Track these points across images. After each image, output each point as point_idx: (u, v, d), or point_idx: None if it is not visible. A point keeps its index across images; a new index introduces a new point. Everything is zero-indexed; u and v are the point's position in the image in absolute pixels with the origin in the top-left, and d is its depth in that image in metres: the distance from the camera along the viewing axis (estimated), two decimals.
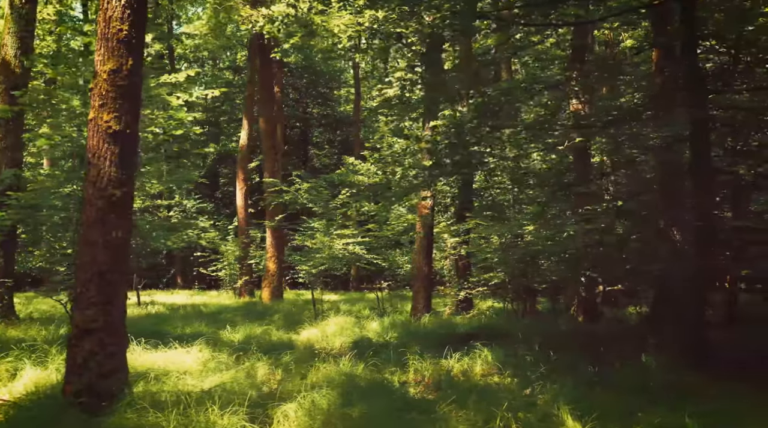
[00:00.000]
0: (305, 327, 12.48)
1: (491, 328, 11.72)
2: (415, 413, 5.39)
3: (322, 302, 19.86)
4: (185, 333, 10.61)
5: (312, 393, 5.67)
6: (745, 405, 5.37)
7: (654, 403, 5.29)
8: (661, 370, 7.08)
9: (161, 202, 19.68)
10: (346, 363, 7.46)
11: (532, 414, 5.17)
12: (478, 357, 8.42)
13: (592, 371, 7.15)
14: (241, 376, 6.59)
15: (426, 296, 12.99)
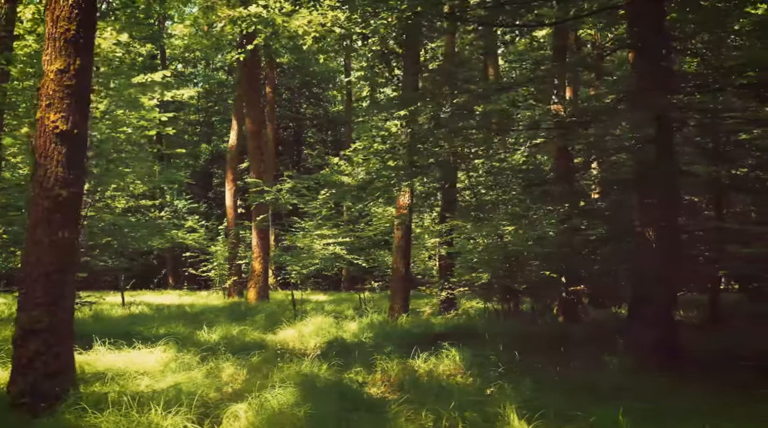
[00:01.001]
0: (283, 328, 12.48)
1: (466, 328, 11.74)
2: (364, 412, 5.39)
3: (306, 303, 19.97)
4: (158, 334, 10.58)
5: (264, 393, 5.67)
6: (691, 404, 5.37)
7: (601, 403, 5.29)
8: (622, 371, 7.09)
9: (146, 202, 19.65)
10: (308, 364, 7.46)
11: (478, 414, 5.18)
12: (445, 357, 8.44)
13: (553, 371, 7.16)
14: (199, 376, 6.59)
15: (403, 297, 12.99)
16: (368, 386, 7.37)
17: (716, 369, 7.39)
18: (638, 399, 5.48)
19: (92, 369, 6.73)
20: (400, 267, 12.97)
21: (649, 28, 8.47)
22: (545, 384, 6.55)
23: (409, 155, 8.78)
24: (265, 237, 19.81)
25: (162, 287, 31.90)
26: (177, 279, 33.49)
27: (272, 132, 35.60)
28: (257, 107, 20.58)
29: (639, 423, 4.74)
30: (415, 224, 16.56)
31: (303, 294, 27.08)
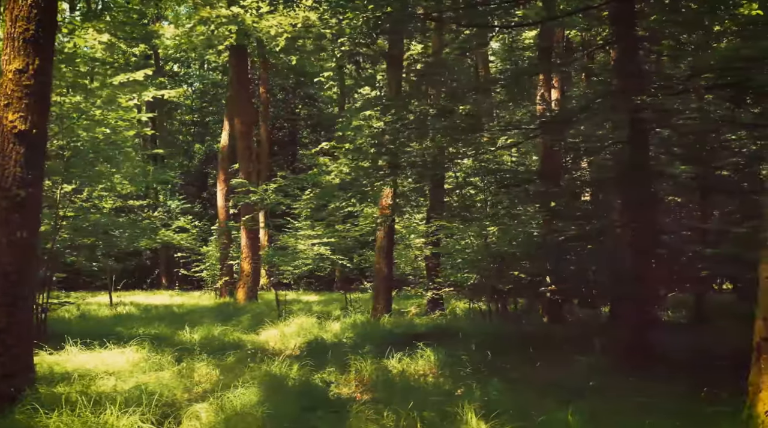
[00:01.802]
0: (266, 328, 12.49)
1: (447, 328, 11.75)
2: (326, 412, 5.39)
3: (296, 303, 19.98)
4: (138, 334, 10.59)
5: (227, 393, 5.67)
6: (650, 404, 5.37)
7: (560, 403, 5.29)
8: (591, 371, 7.10)
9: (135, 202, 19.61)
10: (279, 364, 7.46)
11: (437, 413, 5.18)
12: (420, 357, 8.45)
13: (521, 371, 7.17)
14: (168, 377, 6.58)
15: (386, 297, 13.00)
16: (340, 386, 7.39)
17: (688, 369, 7.40)
18: (599, 399, 5.49)
19: (61, 369, 6.73)
20: (382, 267, 12.97)
21: (623, 29, 8.49)
22: (512, 384, 6.56)
23: (377, 156, 8.77)
24: (255, 237, 19.80)
25: (155, 288, 31.89)
26: (170, 279, 33.49)
27: (266, 132, 35.58)
28: (247, 107, 20.57)
29: (588, 422, 4.74)
30: (401, 225, 16.58)
31: (296, 295, 27.17)
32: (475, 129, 8.40)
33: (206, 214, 34.43)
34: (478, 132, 8.65)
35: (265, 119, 35.80)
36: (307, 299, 22.62)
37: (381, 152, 8.52)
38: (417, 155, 10.78)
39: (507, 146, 10.04)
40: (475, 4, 8.19)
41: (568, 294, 13.09)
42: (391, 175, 9.63)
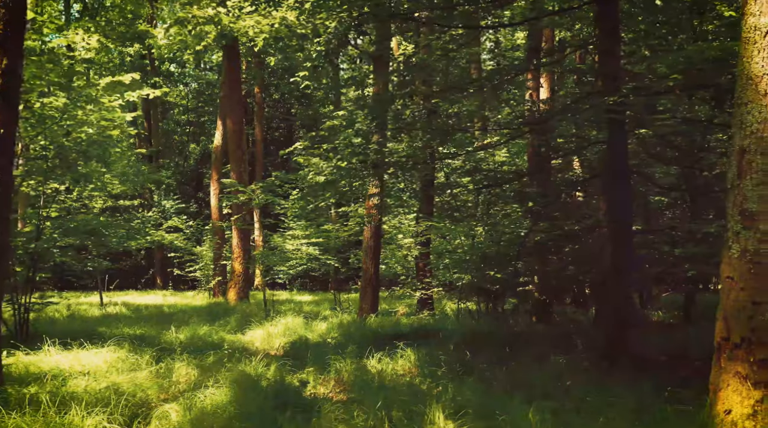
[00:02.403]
0: (252, 328, 12.49)
1: (432, 328, 11.77)
2: (296, 412, 5.40)
3: (288, 303, 20.01)
4: (122, 334, 10.59)
5: (198, 393, 5.68)
6: (614, 404, 5.39)
7: (527, 402, 5.30)
8: (566, 370, 7.12)
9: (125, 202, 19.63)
10: (256, 364, 7.46)
11: (404, 413, 5.19)
12: (400, 357, 8.46)
13: (496, 371, 7.18)
14: (142, 377, 6.58)
15: (373, 297, 13.00)
16: (318, 386, 7.40)
17: (664, 368, 7.41)
18: (566, 398, 5.50)
19: (36, 369, 6.73)
20: (369, 267, 12.98)
21: (604, 29, 8.50)
22: (487, 384, 6.57)
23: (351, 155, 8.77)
24: (246, 237, 19.80)
25: (150, 288, 31.91)
26: (165, 279, 33.50)
27: (260, 133, 35.62)
28: (238, 107, 20.57)
29: (546, 422, 4.75)
30: (389, 224, 16.60)
31: (289, 295, 27.21)
32: (455, 129, 8.39)
33: (201, 214, 34.44)
34: (459, 132, 8.64)
35: (260, 119, 35.82)
36: (300, 299, 22.64)
37: (356, 152, 8.52)
38: (403, 155, 10.82)
39: (486, 146, 10.03)
40: (454, 5, 8.18)
41: (553, 294, 13.10)
42: (374, 175, 9.63)
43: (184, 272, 26.70)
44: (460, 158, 18.62)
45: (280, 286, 30.75)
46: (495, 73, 8.80)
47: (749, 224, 4.51)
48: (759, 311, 4.42)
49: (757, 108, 4.55)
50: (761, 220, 4.48)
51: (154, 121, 37.68)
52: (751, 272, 4.47)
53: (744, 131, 4.61)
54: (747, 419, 4.32)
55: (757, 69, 4.56)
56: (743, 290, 4.49)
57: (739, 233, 4.56)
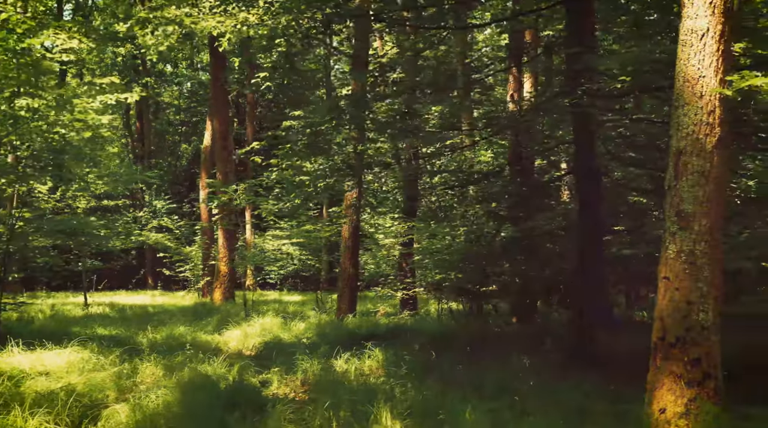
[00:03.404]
0: (230, 328, 12.50)
1: (408, 329, 11.79)
2: (241, 412, 5.43)
3: (276, 303, 20.05)
4: (94, 334, 10.64)
5: (150, 393, 5.71)
6: (559, 403, 5.43)
7: (476, 400, 5.35)
8: (531, 370, 7.17)
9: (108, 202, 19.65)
10: (221, 364, 7.50)
11: (352, 413, 5.23)
12: (367, 357, 8.49)
13: (460, 370, 7.22)
14: (101, 377, 6.60)
15: (351, 297, 13.04)
16: (282, 386, 7.44)
17: (625, 368, 7.45)
18: (513, 397, 5.55)
19: None
20: (347, 267, 13.01)
21: (570, 29, 8.55)
22: (445, 384, 6.60)
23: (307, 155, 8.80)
24: (231, 238, 19.80)
25: (141, 288, 31.91)
26: (156, 280, 33.51)
27: (252, 133, 35.62)
28: (224, 107, 20.61)
29: (483, 420, 4.79)
30: (372, 224, 16.65)
31: (278, 295, 27.25)
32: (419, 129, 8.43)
33: (194, 214, 34.43)
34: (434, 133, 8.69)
35: (252, 119, 35.80)
36: (288, 300, 22.67)
37: (316, 151, 8.55)
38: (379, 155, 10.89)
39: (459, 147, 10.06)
40: (423, 6, 8.22)
41: (531, 295, 13.16)
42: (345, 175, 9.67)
43: (174, 272, 26.72)
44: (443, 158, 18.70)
45: (270, 286, 30.74)
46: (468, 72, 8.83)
47: (685, 224, 4.55)
48: (693, 311, 4.46)
49: (693, 110, 4.59)
50: (696, 221, 4.52)
51: (146, 121, 37.69)
52: (686, 272, 4.51)
53: (680, 133, 4.65)
54: (680, 418, 4.36)
55: (693, 71, 4.60)
56: (678, 290, 4.53)
57: (675, 234, 4.60)
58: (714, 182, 4.53)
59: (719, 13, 4.55)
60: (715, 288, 4.48)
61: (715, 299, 4.47)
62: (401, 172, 13.88)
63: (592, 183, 8.16)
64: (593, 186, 8.18)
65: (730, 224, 5.54)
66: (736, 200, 6.81)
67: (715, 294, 4.47)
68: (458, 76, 9.86)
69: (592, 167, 8.13)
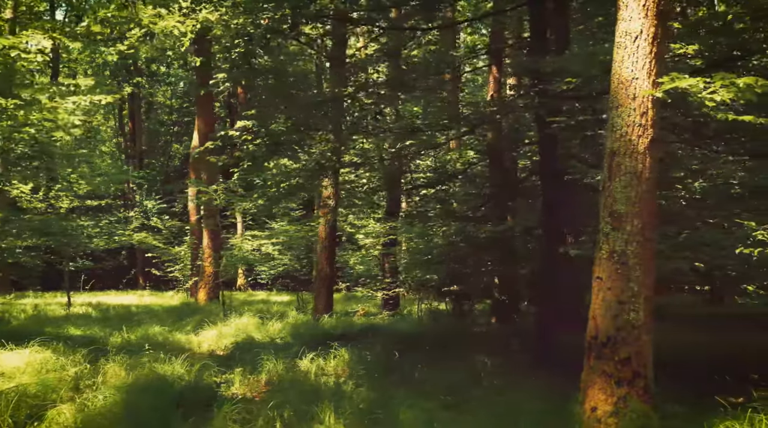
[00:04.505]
0: (207, 328, 12.53)
1: (382, 329, 11.84)
2: (187, 411, 5.46)
3: (263, 303, 20.08)
4: (67, 335, 10.67)
5: (98, 394, 5.74)
6: (505, 401, 5.48)
7: (424, 399, 5.40)
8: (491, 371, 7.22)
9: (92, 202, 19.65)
10: (180, 365, 7.52)
11: (295, 413, 5.26)
12: (333, 357, 8.53)
13: (420, 371, 7.26)
14: (55, 378, 6.62)
15: (327, 297, 13.07)
16: (243, 386, 7.47)
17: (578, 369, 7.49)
18: (461, 397, 5.59)
19: None
20: (324, 267, 13.04)
21: (533, 30, 8.59)
22: (402, 385, 6.64)
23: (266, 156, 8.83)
24: (216, 238, 19.83)
25: (132, 288, 31.91)
26: (147, 280, 33.52)
27: None
28: (209, 107, 20.66)
29: (415, 420, 4.83)
30: (352, 223, 16.69)
31: (266, 295, 27.26)
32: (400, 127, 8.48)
33: (185, 214, 34.39)
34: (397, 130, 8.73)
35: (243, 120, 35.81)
36: (276, 300, 22.68)
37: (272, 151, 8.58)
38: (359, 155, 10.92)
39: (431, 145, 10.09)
40: (388, 7, 8.25)
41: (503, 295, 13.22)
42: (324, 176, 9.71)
43: (164, 272, 26.73)
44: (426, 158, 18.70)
45: (261, 287, 30.78)
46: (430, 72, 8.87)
47: (617, 225, 4.59)
48: (624, 311, 4.50)
49: (627, 111, 4.62)
50: (628, 221, 4.55)
51: (138, 121, 37.70)
52: (618, 272, 4.54)
53: (614, 134, 4.68)
54: (610, 416, 4.40)
55: (627, 73, 4.63)
56: (610, 290, 4.56)
57: (608, 234, 4.64)
58: (646, 182, 4.56)
59: (652, 16, 4.58)
60: (646, 288, 4.51)
61: (646, 298, 4.51)
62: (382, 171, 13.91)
63: (555, 184, 8.19)
64: (557, 187, 8.20)
65: (672, 224, 5.57)
66: (681, 201, 6.85)
67: (646, 294, 4.51)
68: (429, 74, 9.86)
69: (554, 168, 8.16)
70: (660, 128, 4.75)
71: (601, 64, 5.37)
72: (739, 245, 4.87)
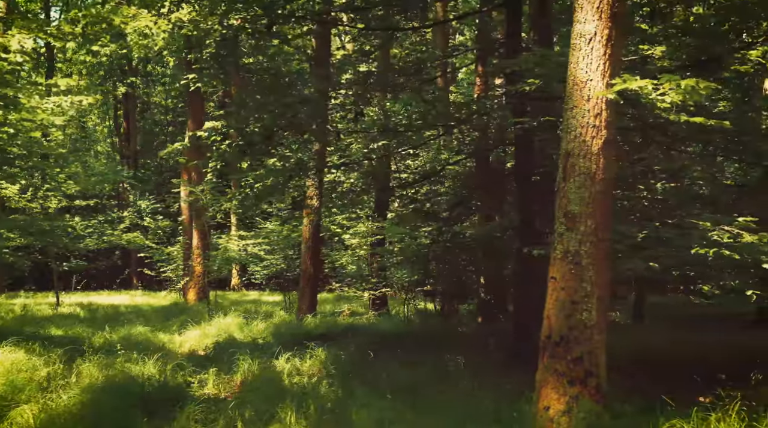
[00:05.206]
0: (191, 328, 12.55)
1: (364, 329, 11.86)
2: (150, 411, 5.49)
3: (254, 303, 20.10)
4: (47, 335, 10.70)
5: (62, 394, 5.77)
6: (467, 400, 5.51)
7: (371, 399, 5.43)
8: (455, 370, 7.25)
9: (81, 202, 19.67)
10: (152, 365, 7.54)
11: (255, 414, 5.29)
12: (309, 357, 8.55)
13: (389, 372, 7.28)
14: (23, 378, 6.64)
15: (311, 297, 13.10)
16: (216, 386, 7.50)
17: None
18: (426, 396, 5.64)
19: None
20: (308, 267, 13.07)
21: (508, 31, 8.61)
22: (369, 385, 6.66)
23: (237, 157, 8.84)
24: (205, 238, 19.86)
25: (126, 288, 31.91)
26: (142, 280, 33.51)
27: (236, 133, 35.65)
28: (198, 108, 20.69)
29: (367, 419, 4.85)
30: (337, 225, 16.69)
31: (258, 295, 27.29)
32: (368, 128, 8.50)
33: (180, 214, 34.41)
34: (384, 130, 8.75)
35: None
36: (267, 300, 22.67)
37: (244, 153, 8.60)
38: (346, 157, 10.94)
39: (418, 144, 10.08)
40: (364, 8, 8.28)
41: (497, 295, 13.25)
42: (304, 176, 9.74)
43: (157, 272, 26.75)
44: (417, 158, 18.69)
45: (256, 287, 30.81)
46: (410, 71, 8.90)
47: (571, 225, 4.61)
48: (576, 310, 4.52)
49: (581, 112, 4.64)
50: (582, 222, 4.58)
51: (132, 121, 37.71)
52: (572, 272, 4.57)
53: (569, 135, 4.70)
54: (562, 415, 4.42)
55: (582, 75, 4.66)
56: (564, 290, 4.59)
57: (562, 235, 4.66)
58: (600, 183, 4.58)
59: (606, 18, 4.60)
60: (599, 288, 4.54)
61: (599, 298, 4.53)
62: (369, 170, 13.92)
63: (527, 184, 8.21)
64: (529, 187, 8.23)
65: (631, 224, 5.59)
66: (643, 201, 6.87)
67: (599, 294, 4.53)
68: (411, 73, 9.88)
69: (528, 168, 8.19)
70: (629, 130, 4.78)
71: (559, 66, 5.38)
72: (695, 246, 4.89)
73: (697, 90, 3.96)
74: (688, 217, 5.28)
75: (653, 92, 4.24)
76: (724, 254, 4.70)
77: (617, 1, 4.57)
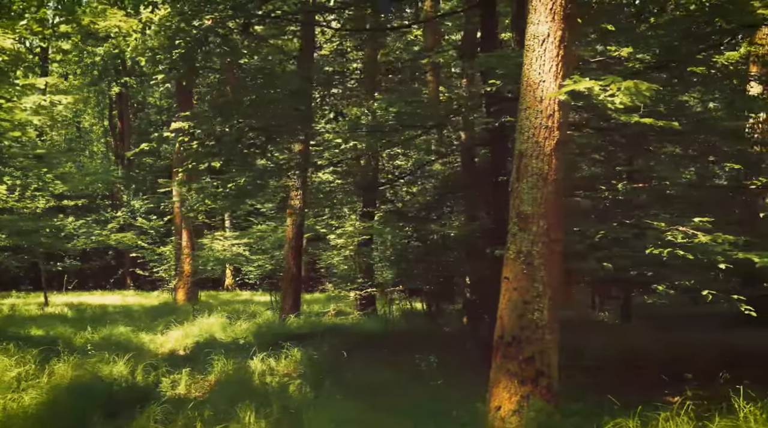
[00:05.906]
0: (174, 328, 12.57)
1: (346, 328, 11.88)
2: (111, 412, 5.51)
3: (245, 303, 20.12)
4: (30, 335, 10.71)
5: (24, 395, 5.79)
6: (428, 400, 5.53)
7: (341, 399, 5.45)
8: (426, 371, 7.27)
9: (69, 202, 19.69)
10: (123, 365, 7.56)
11: (213, 414, 5.31)
12: (284, 357, 8.57)
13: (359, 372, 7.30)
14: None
15: (294, 297, 13.11)
16: (188, 386, 7.52)
17: None
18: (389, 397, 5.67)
19: None
20: (291, 267, 13.09)
21: (483, 33, 8.63)
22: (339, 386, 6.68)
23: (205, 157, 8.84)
24: (193, 238, 19.87)
25: (120, 288, 31.89)
26: (135, 280, 33.50)
27: None
28: (188, 106, 20.66)
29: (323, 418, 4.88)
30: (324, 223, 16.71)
31: (250, 295, 27.32)
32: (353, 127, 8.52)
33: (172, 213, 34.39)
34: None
35: None
36: (258, 300, 22.68)
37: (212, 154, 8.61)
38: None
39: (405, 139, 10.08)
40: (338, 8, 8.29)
41: None
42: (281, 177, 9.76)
43: (149, 272, 26.75)
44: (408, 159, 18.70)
45: (249, 287, 30.83)
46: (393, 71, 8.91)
47: (524, 226, 4.63)
48: (528, 310, 4.54)
49: (534, 113, 4.66)
50: (534, 222, 4.59)
51: (126, 120, 37.71)
52: (524, 272, 4.58)
53: (523, 136, 4.72)
54: (513, 415, 4.44)
55: (535, 76, 4.67)
56: (516, 290, 4.61)
57: (515, 235, 4.68)
58: (552, 184, 4.60)
59: (559, 20, 4.62)
60: (551, 288, 4.56)
61: (550, 298, 4.55)
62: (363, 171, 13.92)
63: (499, 186, 8.21)
64: (501, 189, 8.23)
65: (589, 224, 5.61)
66: (605, 202, 6.88)
67: (550, 294, 4.55)
68: None
69: (499, 169, 8.19)
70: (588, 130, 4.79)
71: (517, 67, 5.39)
72: (649, 246, 4.91)
73: (640, 91, 3.97)
74: (645, 218, 5.28)
75: (602, 94, 4.26)
76: (678, 254, 4.71)
77: (570, 2, 4.59)
